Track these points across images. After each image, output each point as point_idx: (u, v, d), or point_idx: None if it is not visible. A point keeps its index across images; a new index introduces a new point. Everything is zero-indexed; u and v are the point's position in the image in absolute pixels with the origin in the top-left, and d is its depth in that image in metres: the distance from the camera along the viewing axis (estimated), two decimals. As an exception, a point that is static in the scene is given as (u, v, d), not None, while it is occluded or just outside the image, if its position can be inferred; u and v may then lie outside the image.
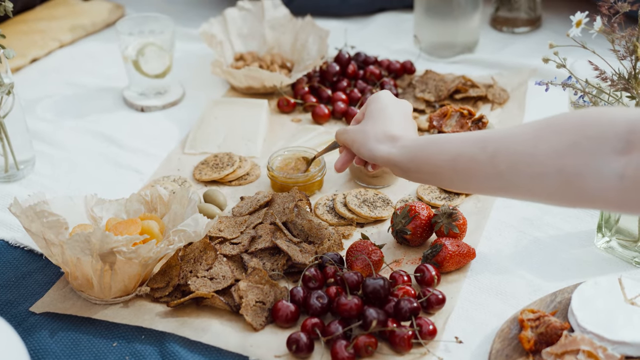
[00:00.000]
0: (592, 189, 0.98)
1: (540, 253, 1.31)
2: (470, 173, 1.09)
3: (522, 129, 1.06)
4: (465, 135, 1.12)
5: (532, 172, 1.02)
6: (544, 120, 1.04)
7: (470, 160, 1.08)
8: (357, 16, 2.01)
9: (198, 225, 1.18)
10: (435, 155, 1.13)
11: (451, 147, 1.11)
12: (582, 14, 1.28)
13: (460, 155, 1.10)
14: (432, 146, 1.15)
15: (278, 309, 1.18)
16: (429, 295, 1.19)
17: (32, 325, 1.19)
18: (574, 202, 1.02)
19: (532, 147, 1.02)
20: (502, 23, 1.94)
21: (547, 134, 1.02)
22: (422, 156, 1.15)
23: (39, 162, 1.53)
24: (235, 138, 1.57)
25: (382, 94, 1.27)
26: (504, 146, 1.05)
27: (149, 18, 1.71)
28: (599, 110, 1.01)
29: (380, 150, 1.20)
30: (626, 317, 1.12)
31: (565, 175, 1.00)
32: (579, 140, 0.99)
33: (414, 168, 1.16)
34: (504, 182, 1.06)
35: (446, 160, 1.11)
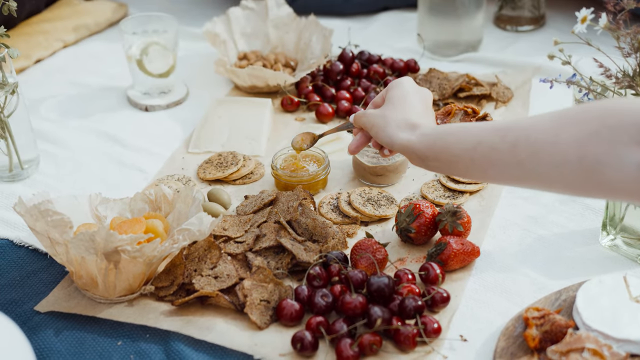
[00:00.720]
0: (612, 179, 0.98)
1: (545, 251, 1.30)
2: (489, 162, 1.09)
3: (542, 118, 1.05)
4: (484, 124, 1.12)
5: (553, 161, 1.02)
6: (564, 110, 1.04)
7: (490, 149, 1.08)
8: (361, 15, 2.01)
9: (202, 224, 1.18)
10: (454, 143, 1.13)
11: (470, 136, 1.11)
12: (588, 10, 1.28)
13: (480, 144, 1.10)
14: (451, 135, 1.15)
15: (282, 308, 1.18)
16: (434, 294, 1.19)
17: (36, 324, 1.19)
18: (593, 191, 1.02)
19: (553, 135, 1.02)
20: (505, 21, 1.93)
21: (568, 123, 1.02)
22: (440, 144, 1.15)
23: (43, 161, 1.53)
24: (239, 137, 1.57)
25: (404, 81, 1.28)
26: (524, 135, 1.05)
27: (153, 17, 1.71)
28: (621, 100, 1.01)
29: (399, 137, 1.20)
30: (631, 315, 1.12)
31: (586, 164, 1.00)
32: (600, 130, 0.99)
33: (432, 156, 1.16)
34: (524, 171, 1.06)
35: (465, 149, 1.11)
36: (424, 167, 1.20)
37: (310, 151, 1.46)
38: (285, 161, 1.45)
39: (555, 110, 1.06)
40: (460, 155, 1.12)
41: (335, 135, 1.56)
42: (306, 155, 1.46)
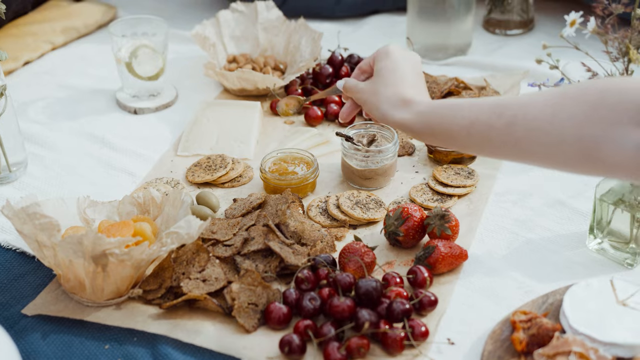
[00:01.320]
0: (609, 159, 0.99)
1: (532, 255, 1.31)
2: (485, 139, 1.09)
3: (539, 96, 1.05)
4: (480, 101, 1.11)
5: (550, 141, 1.02)
6: (562, 89, 1.03)
7: (486, 127, 1.08)
8: (350, 18, 2.01)
9: (191, 227, 1.18)
10: (450, 121, 1.13)
11: (466, 114, 1.11)
12: (577, 13, 1.29)
13: (476, 122, 1.09)
14: (447, 112, 1.14)
15: (270, 311, 1.18)
16: (421, 297, 1.19)
17: (24, 328, 1.19)
18: (591, 170, 1.02)
19: (550, 115, 1.02)
20: (494, 25, 1.94)
21: (566, 103, 1.01)
22: (436, 122, 1.15)
23: (32, 164, 1.53)
24: (228, 140, 1.57)
25: (391, 50, 1.26)
26: (521, 113, 1.05)
27: (142, 20, 1.71)
28: (620, 79, 1.01)
29: (394, 115, 1.20)
30: (618, 318, 1.13)
31: (583, 143, 1.00)
32: (598, 110, 0.99)
33: (429, 132, 1.17)
34: (521, 149, 1.06)
35: (462, 126, 1.11)
36: (419, 140, 1.20)
37: (299, 154, 1.46)
38: (274, 164, 1.45)
39: (554, 88, 1.06)
40: (457, 132, 1.12)
41: (324, 138, 1.57)
42: (295, 158, 1.46)
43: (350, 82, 1.31)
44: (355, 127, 1.48)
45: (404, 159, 1.52)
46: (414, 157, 1.53)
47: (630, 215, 1.24)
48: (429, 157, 1.52)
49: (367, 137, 1.46)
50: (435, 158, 1.50)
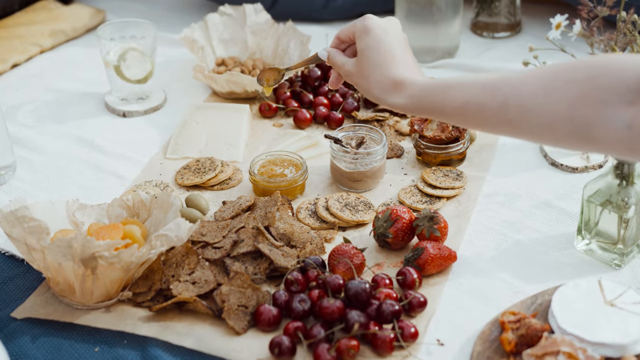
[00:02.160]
0: (601, 138, 1.00)
1: (521, 256, 1.31)
2: (480, 119, 1.10)
3: (532, 76, 1.06)
4: (472, 80, 1.11)
5: (542, 121, 1.04)
6: (554, 68, 1.04)
7: (480, 108, 1.09)
8: (339, 21, 2.02)
9: (180, 230, 1.18)
10: (443, 102, 1.13)
11: (459, 95, 1.11)
12: (562, 16, 1.29)
13: (469, 103, 1.10)
14: (440, 93, 1.14)
15: (260, 313, 1.18)
16: (411, 298, 1.20)
17: (13, 331, 1.19)
18: (584, 148, 1.04)
19: (542, 96, 1.03)
20: (482, 28, 1.95)
21: (557, 84, 1.02)
22: (430, 104, 1.15)
23: (20, 167, 1.53)
24: (217, 143, 1.57)
25: (370, 25, 1.22)
26: (513, 94, 1.06)
27: (130, 23, 1.71)
28: (609, 58, 1.02)
29: (387, 99, 1.19)
30: (606, 318, 1.13)
31: (575, 124, 1.01)
32: (589, 91, 1.00)
33: (423, 113, 1.17)
34: (515, 128, 1.07)
35: (455, 107, 1.11)
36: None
37: (288, 156, 1.47)
38: (263, 167, 1.46)
39: (546, 66, 1.07)
40: (452, 114, 1.13)
41: (312, 141, 1.57)
42: (284, 160, 1.46)
43: (335, 57, 1.26)
44: (344, 129, 1.48)
45: (393, 161, 1.53)
46: (403, 159, 1.54)
47: (618, 216, 1.25)
48: (417, 159, 1.52)
49: (356, 139, 1.46)
50: (424, 160, 1.51)
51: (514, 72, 1.08)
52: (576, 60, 1.05)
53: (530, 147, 1.54)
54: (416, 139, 1.51)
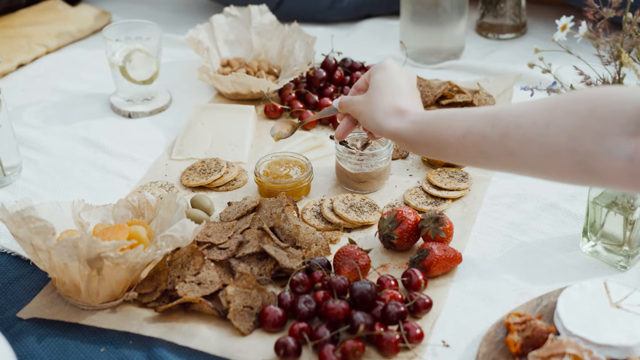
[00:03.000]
0: (603, 170, 0.99)
1: (527, 257, 1.31)
2: (479, 150, 1.09)
3: (533, 107, 1.05)
4: (474, 111, 1.11)
5: (544, 152, 1.03)
6: (555, 99, 1.04)
7: (480, 139, 1.08)
8: (344, 22, 2.02)
9: (186, 231, 1.18)
10: (444, 131, 1.13)
11: (460, 124, 1.11)
12: (568, 18, 1.29)
13: (470, 132, 1.09)
14: (441, 121, 1.14)
15: (266, 314, 1.18)
16: (416, 300, 1.20)
17: (19, 331, 1.19)
18: (586, 181, 1.03)
19: (543, 127, 1.02)
20: (487, 29, 1.95)
21: (558, 115, 1.02)
22: (430, 132, 1.15)
23: (26, 168, 1.53)
24: (223, 144, 1.57)
25: (387, 63, 1.27)
26: (514, 125, 1.05)
27: (136, 24, 1.71)
28: (609, 90, 1.01)
29: (388, 124, 1.20)
30: (611, 320, 1.13)
31: (576, 156, 1.00)
32: (590, 122, 0.99)
33: (422, 143, 1.17)
34: (515, 160, 1.06)
35: (455, 136, 1.11)
36: (414, 152, 1.20)
37: (294, 157, 1.47)
38: (269, 168, 1.46)
39: (547, 97, 1.06)
40: (450, 143, 1.12)
41: (318, 142, 1.57)
42: (289, 161, 1.46)
43: (345, 98, 1.32)
44: (349, 130, 1.48)
45: (398, 162, 1.53)
46: (408, 160, 1.54)
47: (623, 218, 1.25)
48: (422, 161, 1.52)
49: (361, 140, 1.46)
50: (429, 161, 1.50)
51: (515, 104, 1.08)
52: (576, 91, 1.04)
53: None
54: (421, 141, 1.51)
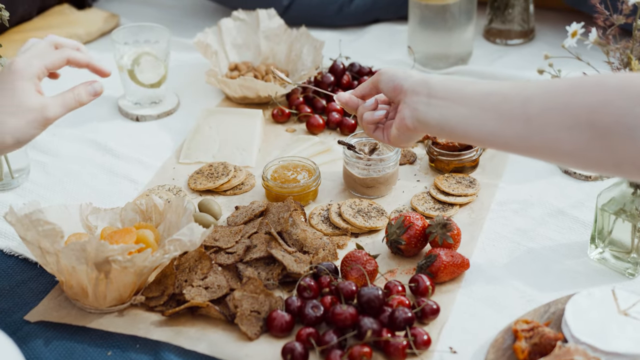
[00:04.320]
0: (620, 149, 0.98)
1: (534, 264, 1.31)
2: (497, 113, 1.07)
3: (562, 81, 1.05)
4: (502, 81, 1.11)
5: (562, 122, 1.02)
6: (586, 76, 1.03)
7: (503, 98, 1.07)
8: (352, 27, 2.02)
9: (193, 235, 1.18)
10: (469, 85, 1.12)
11: (488, 85, 1.11)
12: (578, 24, 1.29)
13: (495, 92, 1.08)
14: (470, 81, 1.15)
15: (273, 319, 1.18)
16: (424, 306, 1.20)
17: (26, 334, 1.19)
18: (598, 162, 1.01)
19: (567, 96, 1.02)
20: (495, 35, 1.95)
21: (585, 88, 1.01)
22: (457, 84, 1.14)
23: (34, 170, 1.53)
24: (230, 148, 1.57)
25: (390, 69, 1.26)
26: (539, 92, 1.05)
27: (144, 27, 1.71)
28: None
29: (417, 74, 1.19)
30: (619, 327, 1.13)
31: (596, 130, 0.99)
32: (615, 99, 0.98)
33: (442, 93, 1.14)
34: (530, 128, 1.05)
35: (479, 92, 1.10)
36: (425, 113, 1.15)
37: (301, 162, 1.47)
38: (276, 172, 1.46)
39: (575, 75, 1.06)
40: (472, 98, 1.10)
41: (325, 147, 1.57)
42: (297, 166, 1.46)
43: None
44: (357, 135, 1.48)
45: (406, 167, 1.53)
46: (416, 165, 1.54)
47: (632, 225, 1.25)
48: (430, 166, 1.52)
49: (369, 145, 1.46)
50: (437, 167, 1.50)
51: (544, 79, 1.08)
52: (607, 72, 1.04)
53: (544, 155, 1.54)
54: (429, 146, 1.51)
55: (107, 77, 1.32)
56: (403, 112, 1.19)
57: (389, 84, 1.22)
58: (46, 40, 1.28)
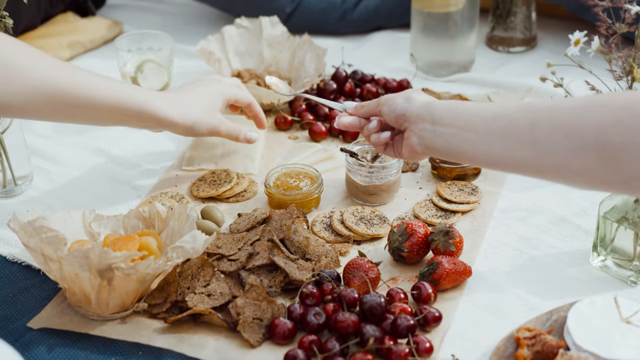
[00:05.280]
0: (629, 167, 0.98)
1: (536, 272, 1.31)
2: (503, 135, 1.07)
3: (567, 101, 1.05)
4: (507, 102, 1.11)
5: (570, 145, 1.01)
6: (591, 96, 1.03)
7: (509, 122, 1.07)
8: (354, 34, 2.02)
9: (196, 242, 1.19)
10: (474, 109, 1.12)
11: (492, 108, 1.11)
12: (581, 32, 1.29)
13: (500, 116, 1.08)
14: (473, 104, 1.15)
15: (275, 326, 1.18)
16: (426, 313, 1.20)
17: (29, 341, 1.19)
18: (607, 182, 1.01)
19: (574, 118, 1.01)
20: (498, 42, 1.95)
21: (592, 108, 1.01)
22: (461, 108, 1.14)
23: (37, 177, 1.53)
24: (233, 155, 1.57)
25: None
26: (545, 114, 1.04)
27: (148, 35, 1.72)
28: None
29: (418, 97, 1.21)
30: (622, 335, 1.13)
31: (604, 152, 0.99)
32: (624, 118, 0.98)
33: (447, 120, 1.15)
34: (538, 151, 1.04)
35: (484, 117, 1.10)
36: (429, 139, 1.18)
37: (304, 169, 1.47)
38: (279, 179, 1.46)
39: (581, 95, 1.05)
40: (477, 123, 1.11)
41: (328, 154, 1.57)
42: (299, 173, 1.47)
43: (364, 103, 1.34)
44: (359, 142, 1.48)
45: (408, 175, 1.53)
46: (418, 173, 1.54)
47: (634, 233, 1.25)
48: (432, 174, 1.52)
49: (371, 153, 1.46)
50: (439, 174, 1.51)
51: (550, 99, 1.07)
52: (614, 92, 1.03)
53: (546, 163, 1.54)
54: (432, 153, 1.51)
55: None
56: (411, 140, 1.21)
57: (390, 115, 1.25)
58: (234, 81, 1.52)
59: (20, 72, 1.21)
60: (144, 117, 1.32)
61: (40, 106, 1.23)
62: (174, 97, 1.37)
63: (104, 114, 1.29)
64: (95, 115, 1.29)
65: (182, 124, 1.36)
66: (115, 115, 1.30)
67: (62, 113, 1.27)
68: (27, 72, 1.21)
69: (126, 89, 1.30)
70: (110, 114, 1.29)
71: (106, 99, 1.27)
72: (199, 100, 1.40)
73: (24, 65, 1.21)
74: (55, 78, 1.23)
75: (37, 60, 1.23)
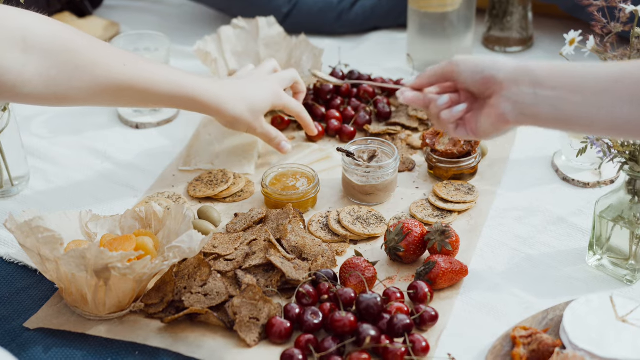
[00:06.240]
0: None
1: (533, 271, 1.31)
2: (634, 96, 0.98)
3: None
4: (623, 62, 1.03)
5: None
6: None
7: (635, 82, 0.98)
8: (351, 35, 2.02)
9: (192, 242, 1.19)
10: (584, 70, 1.02)
11: (610, 67, 1.01)
12: (576, 32, 1.30)
13: (626, 76, 0.99)
14: (579, 64, 1.04)
15: (272, 325, 1.18)
16: (422, 312, 1.20)
17: (26, 341, 1.19)
18: None
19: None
20: (494, 42, 1.95)
21: None
22: (567, 67, 1.03)
23: (34, 178, 1.53)
24: (230, 155, 1.57)
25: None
26: None
27: (144, 35, 1.72)
28: None
29: (506, 60, 1.09)
30: (617, 334, 1.13)
31: None
32: None
33: (551, 82, 1.03)
34: None
35: (603, 77, 1.00)
36: (526, 103, 1.05)
37: (300, 169, 1.47)
38: (275, 179, 1.46)
39: None
40: (595, 84, 1.00)
41: (324, 154, 1.57)
42: (296, 173, 1.47)
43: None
44: (356, 142, 1.49)
45: (405, 174, 1.53)
46: (414, 173, 1.54)
47: (630, 232, 1.25)
48: (429, 173, 1.52)
49: (368, 152, 1.47)
50: (436, 174, 1.51)
51: None
52: None
53: (542, 162, 1.54)
54: (428, 153, 1.51)
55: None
56: (502, 107, 1.07)
57: (474, 77, 1.10)
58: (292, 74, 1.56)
59: (86, 69, 1.24)
60: (197, 107, 1.41)
61: (100, 99, 1.29)
62: (229, 90, 1.43)
63: (161, 103, 1.37)
64: (153, 103, 1.37)
65: (224, 119, 1.45)
66: (170, 103, 1.38)
67: (121, 102, 1.36)
68: (93, 69, 1.24)
69: (184, 79, 1.37)
70: (167, 103, 1.38)
71: (164, 89, 1.34)
72: (250, 99, 1.45)
73: (91, 61, 1.24)
74: (118, 74, 1.28)
75: (102, 55, 1.26)
